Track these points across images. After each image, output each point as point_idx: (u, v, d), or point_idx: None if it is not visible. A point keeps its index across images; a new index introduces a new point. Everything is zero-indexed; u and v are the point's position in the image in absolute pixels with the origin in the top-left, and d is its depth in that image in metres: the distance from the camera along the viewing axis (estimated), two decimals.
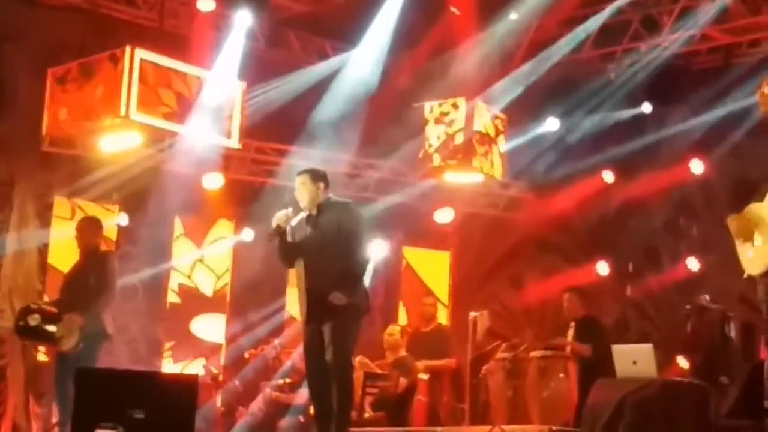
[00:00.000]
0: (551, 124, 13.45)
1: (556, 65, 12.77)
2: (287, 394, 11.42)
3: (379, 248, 12.53)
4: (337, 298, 7.98)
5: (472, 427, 10.47)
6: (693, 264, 13.06)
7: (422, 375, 11.38)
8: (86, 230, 9.88)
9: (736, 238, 8.01)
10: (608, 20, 12.48)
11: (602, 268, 13.60)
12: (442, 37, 12.58)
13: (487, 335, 11.54)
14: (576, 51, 12.85)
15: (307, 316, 8.23)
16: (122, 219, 12.43)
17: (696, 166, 13.06)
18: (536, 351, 10.96)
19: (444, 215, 13.87)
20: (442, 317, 13.56)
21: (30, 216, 12.06)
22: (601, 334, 10.80)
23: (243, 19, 11.96)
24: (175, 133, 11.00)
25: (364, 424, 10.02)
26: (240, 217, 13.36)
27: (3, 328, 11.64)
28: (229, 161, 12.89)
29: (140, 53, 10.33)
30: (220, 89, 11.03)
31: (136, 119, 10.31)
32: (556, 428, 8.93)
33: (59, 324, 9.29)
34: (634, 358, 8.45)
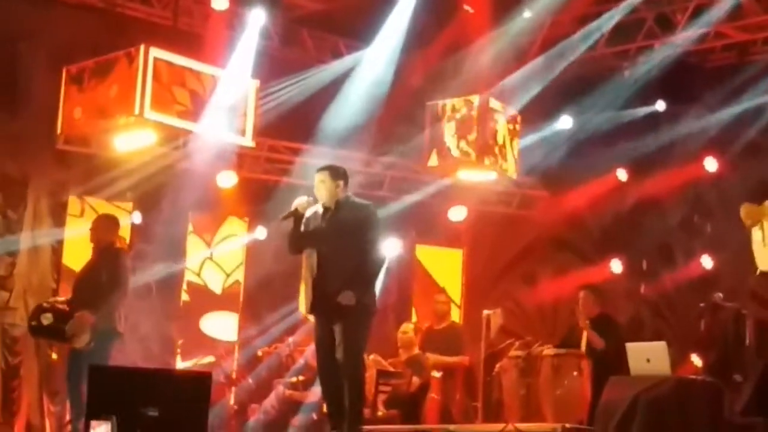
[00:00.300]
0: (565, 121, 13.41)
1: (570, 63, 12.76)
2: (300, 392, 11.43)
3: (392, 246, 12.52)
4: (346, 297, 7.96)
5: (485, 425, 10.46)
6: (707, 262, 13.00)
7: (435, 373, 11.38)
8: (101, 227, 9.90)
9: (745, 220, 8.01)
10: (622, 18, 12.45)
11: (616, 266, 13.54)
12: (455, 35, 12.56)
13: (501, 333, 11.54)
14: (590, 49, 12.83)
15: (311, 308, 8.22)
16: (136, 217, 12.46)
17: (710, 164, 13.02)
18: (549, 349, 10.94)
19: (457, 213, 13.86)
20: (455, 315, 13.55)
21: (44, 214, 12.10)
22: (615, 331, 10.76)
23: (257, 18, 12.01)
24: (189, 131, 11.00)
25: (377, 422, 10.04)
26: (253, 215, 13.37)
27: (17, 326, 11.68)
28: (242, 159, 12.91)
29: (154, 52, 10.31)
30: (234, 87, 11.01)
31: (150, 118, 10.30)
32: (569, 426, 8.90)
33: (71, 322, 9.33)
34: (647, 356, 8.43)
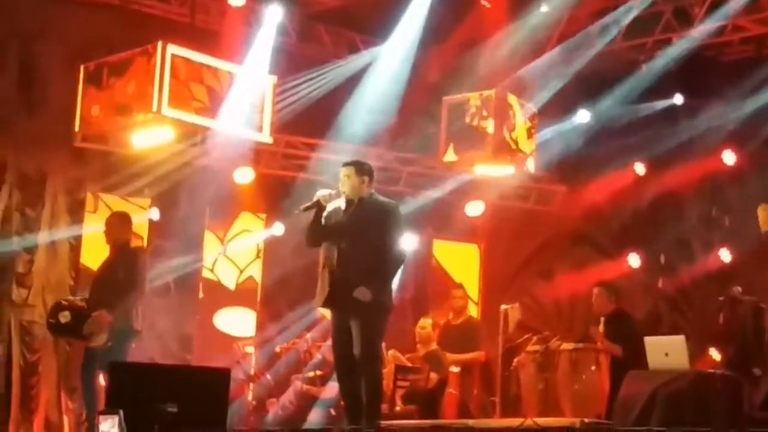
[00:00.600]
0: (582, 116, 13.38)
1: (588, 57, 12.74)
2: (318, 387, 11.45)
3: (408, 242, 12.51)
4: (362, 293, 7.94)
5: (503, 420, 10.43)
6: (725, 256, 12.97)
7: (453, 368, 11.38)
8: (115, 226, 9.90)
9: (763, 226, 7.98)
10: (640, 12, 12.41)
11: (634, 260, 13.53)
12: (472, 30, 12.52)
13: (518, 328, 11.53)
14: (607, 43, 12.79)
15: (325, 302, 8.22)
16: (154, 214, 12.49)
17: (729, 158, 12.98)
18: (567, 343, 10.92)
19: (474, 208, 13.85)
20: (472, 310, 13.54)
21: (62, 212, 12.14)
22: (630, 328, 10.71)
23: (274, 14, 12.00)
24: (207, 128, 11.00)
25: (395, 417, 10.04)
26: (271, 211, 13.38)
27: (35, 323, 11.72)
28: (260, 155, 12.93)
29: (172, 48, 10.28)
30: (251, 84, 11.00)
31: (167, 114, 10.28)
32: (588, 421, 8.87)
33: (88, 321, 9.33)
34: (666, 350, 8.42)
